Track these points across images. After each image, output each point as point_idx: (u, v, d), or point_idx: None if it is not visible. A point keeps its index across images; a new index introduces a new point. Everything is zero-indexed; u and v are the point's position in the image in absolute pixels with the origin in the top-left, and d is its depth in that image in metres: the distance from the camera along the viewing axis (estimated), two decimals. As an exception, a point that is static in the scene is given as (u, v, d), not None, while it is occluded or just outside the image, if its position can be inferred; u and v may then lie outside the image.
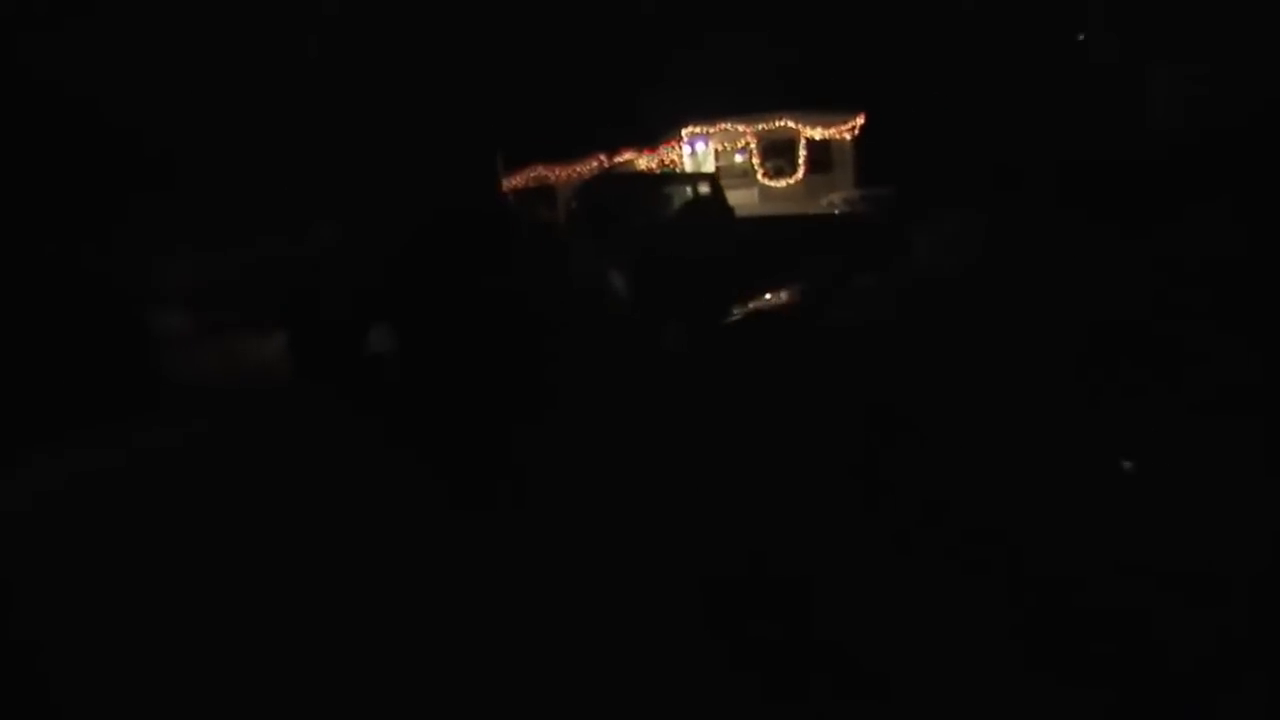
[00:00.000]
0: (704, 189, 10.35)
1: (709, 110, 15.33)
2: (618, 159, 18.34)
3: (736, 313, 4.22)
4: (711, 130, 14.98)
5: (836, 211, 11.25)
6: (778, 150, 15.27)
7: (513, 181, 19.28)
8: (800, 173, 15.32)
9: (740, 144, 15.15)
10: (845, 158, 15.65)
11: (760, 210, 13.36)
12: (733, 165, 15.44)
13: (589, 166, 18.98)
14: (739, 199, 13.67)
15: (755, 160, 15.12)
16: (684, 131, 15.03)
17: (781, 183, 15.22)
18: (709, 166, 14.81)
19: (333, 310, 5.02)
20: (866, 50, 16.34)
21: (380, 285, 4.78)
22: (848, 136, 15.65)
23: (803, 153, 15.29)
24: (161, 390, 6.20)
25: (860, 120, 15.48)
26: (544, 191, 17.71)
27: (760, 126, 15.01)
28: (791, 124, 15.10)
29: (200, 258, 10.51)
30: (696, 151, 15.15)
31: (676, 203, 10.23)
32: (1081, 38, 21.78)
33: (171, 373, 7.31)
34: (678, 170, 14.75)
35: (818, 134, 15.31)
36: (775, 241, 7.32)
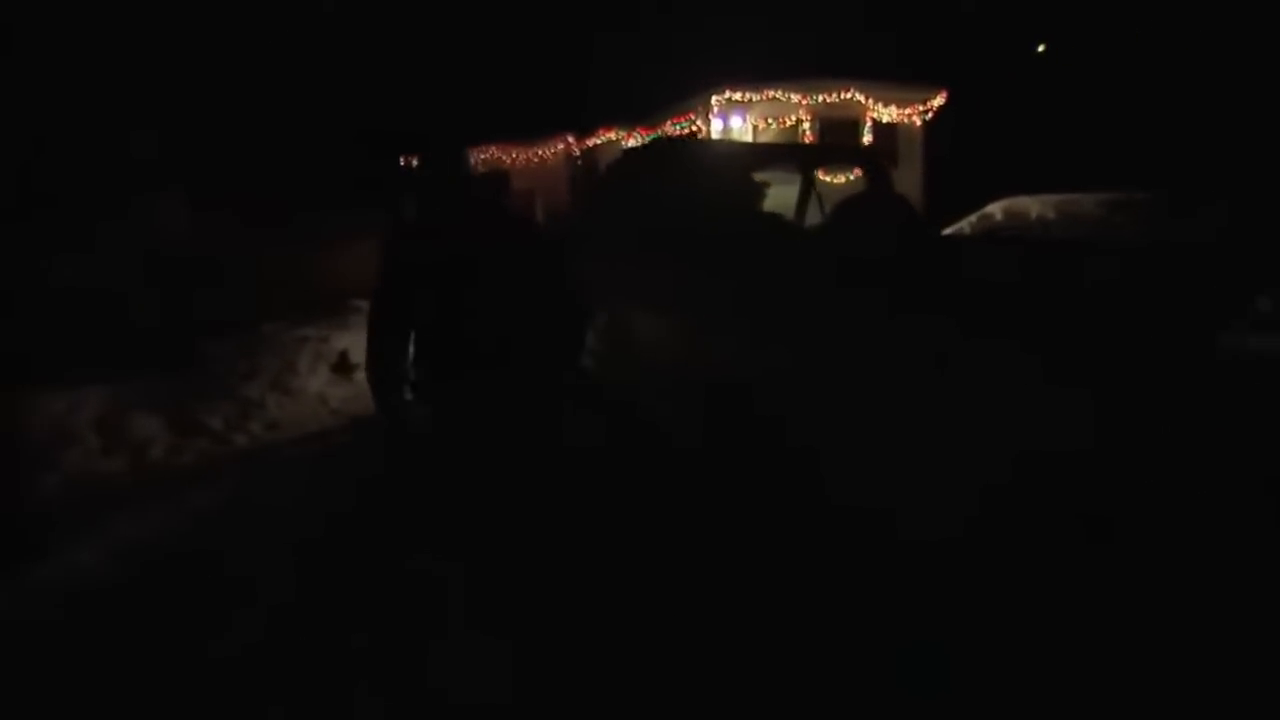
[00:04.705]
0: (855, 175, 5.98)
1: (725, 75, 10.96)
2: (592, 141, 13.72)
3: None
4: (755, 99, 10.64)
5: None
6: (836, 132, 11.16)
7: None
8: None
9: (790, 121, 10.91)
10: (914, 149, 11.78)
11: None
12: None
13: (553, 149, 14.27)
14: (782, 199, 9.57)
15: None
16: (714, 100, 10.60)
17: (840, 178, 11.09)
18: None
19: None
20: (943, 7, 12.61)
21: None
22: (918, 121, 11.81)
23: (868, 138, 11.27)
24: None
25: (939, 100, 11.67)
26: (497, 179, 12.84)
27: (820, 98, 10.83)
28: (860, 97, 11.02)
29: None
30: (731, 128, 10.75)
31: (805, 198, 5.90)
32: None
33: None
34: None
35: (889, 114, 11.34)
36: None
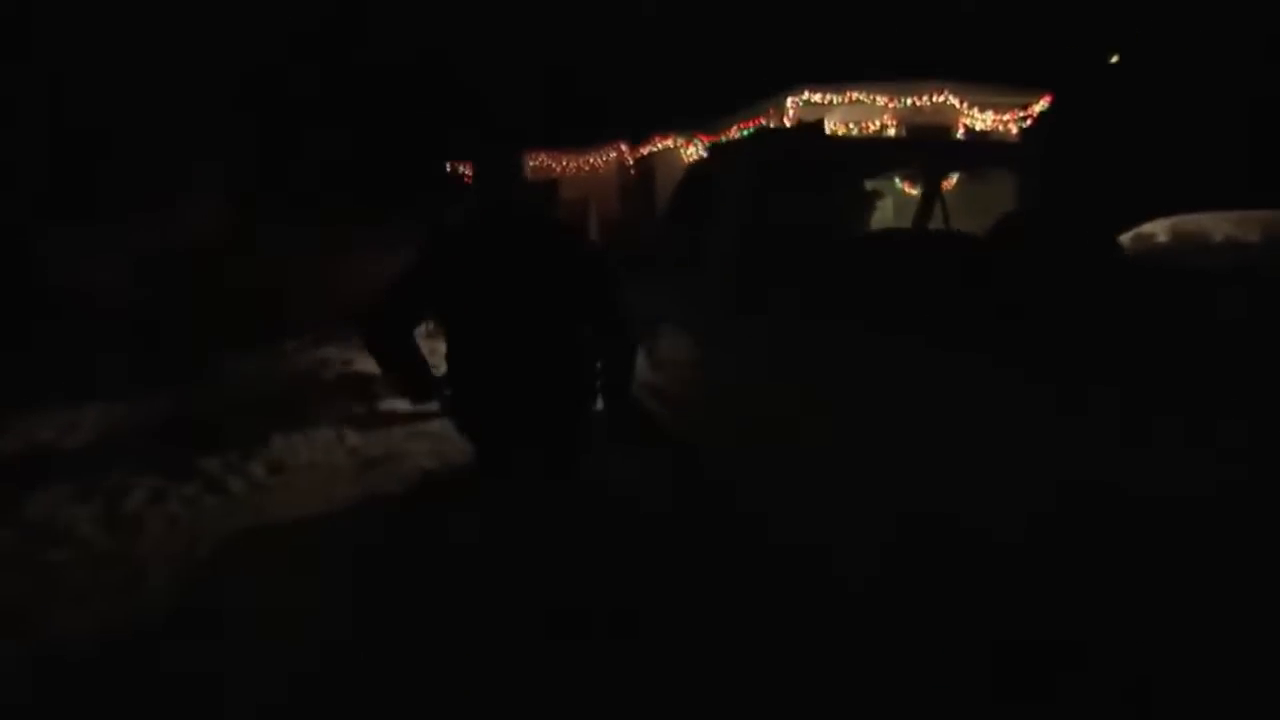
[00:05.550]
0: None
1: (803, 74, 9.84)
2: (646, 149, 12.74)
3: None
4: (837, 101, 9.53)
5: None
6: (924, 139, 9.98)
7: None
8: (954, 177, 10.09)
9: (874, 126, 9.76)
10: (1010, 159, 10.53)
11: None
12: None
13: (605, 157, 13.33)
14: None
15: (893, 153, 9.72)
16: (790, 102, 9.51)
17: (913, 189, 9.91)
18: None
19: None
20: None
21: None
22: (1014, 128, 10.57)
23: (960, 147, 10.07)
24: None
25: (1040, 104, 10.42)
26: (546, 188, 11.93)
27: (909, 101, 9.68)
28: (954, 101, 9.84)
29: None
30: (808, 134, 9.64)
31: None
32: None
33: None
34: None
35: (984, 120, 10.13)
36: None
